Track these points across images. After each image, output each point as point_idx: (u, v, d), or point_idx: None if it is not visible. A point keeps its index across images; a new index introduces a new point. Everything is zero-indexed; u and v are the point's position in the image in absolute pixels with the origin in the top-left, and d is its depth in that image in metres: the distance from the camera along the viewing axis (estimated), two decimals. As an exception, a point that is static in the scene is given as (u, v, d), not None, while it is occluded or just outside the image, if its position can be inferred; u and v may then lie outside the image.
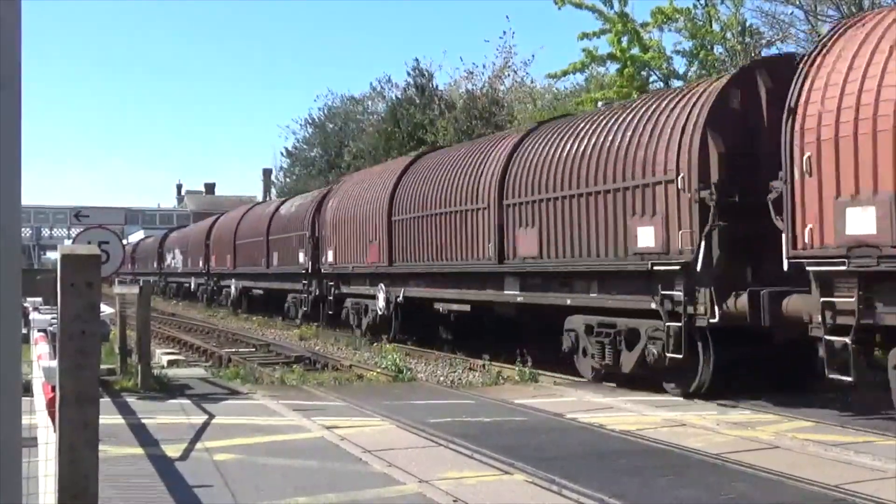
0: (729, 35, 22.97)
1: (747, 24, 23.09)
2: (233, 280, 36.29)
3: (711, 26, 23.06)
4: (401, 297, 19.95)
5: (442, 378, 15.75)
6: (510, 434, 9.30)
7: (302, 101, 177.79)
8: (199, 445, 8.52)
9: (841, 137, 9.28)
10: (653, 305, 11.99)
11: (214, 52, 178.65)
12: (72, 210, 14.60)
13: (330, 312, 24.68)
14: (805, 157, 9.68)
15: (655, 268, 11.91)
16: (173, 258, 50.24)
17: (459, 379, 15.46)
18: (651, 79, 23.65)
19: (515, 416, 10.57)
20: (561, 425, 9.96)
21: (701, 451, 8.24)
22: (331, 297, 24.48)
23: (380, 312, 20.89)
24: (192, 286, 44.40)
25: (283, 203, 32.52)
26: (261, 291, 33.19)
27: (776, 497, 6.68)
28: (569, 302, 14.03)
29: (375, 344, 20.34)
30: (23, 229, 3.01)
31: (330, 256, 24.14)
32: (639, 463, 7.85)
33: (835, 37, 10.10)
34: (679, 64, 23.98)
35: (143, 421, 9.84)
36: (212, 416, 10.25)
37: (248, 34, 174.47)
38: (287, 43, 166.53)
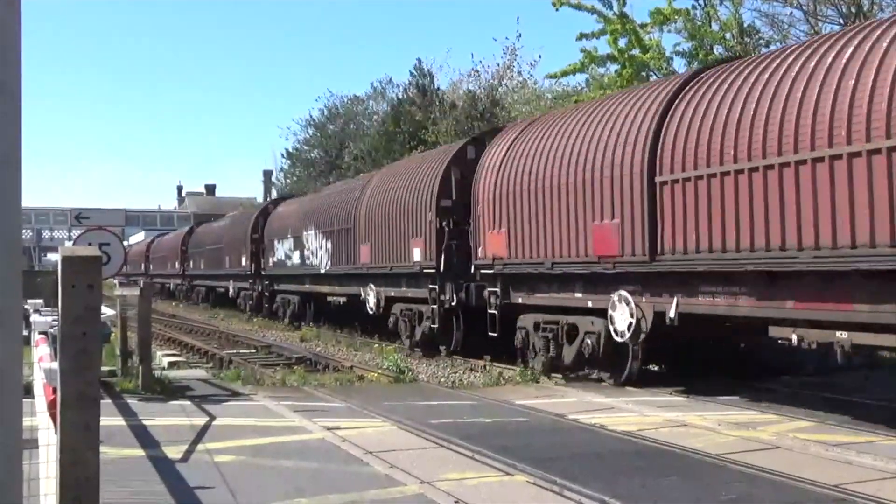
0: (728, 35, 22.99)
1: (746, 24, 23.13)
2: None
3: (711, 26, 23.08)
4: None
5: (443, 379, 15.75)
6: (511, 435, 9.30)
7: (302, 102, 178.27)
8: (200, 447, 8.52)
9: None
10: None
11: (214, 53, 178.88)
12: (72, 212, 14.60)
13: None
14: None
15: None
16: (294, 248, 28.53)
17: (461, 380, 15.47)
18: (651, 79, 23.66)
19: (517, 417, 10.57)
20: (562, 426, 9.96)
21: (702, 452, 8.24)
22: None
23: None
24: (372, 302, 21.77)
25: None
26: None
27: (777, 497, 6.68)
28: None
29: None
30: (23, 231, 3.01)
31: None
32: (640, 463, 7.85)
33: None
34: (679, 64, 24.00)
35: (144, 422, 9.84)
36: (213, 418, 10.25)
37: (248, 35, 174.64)
38: (287, 44, 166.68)
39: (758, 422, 9.95)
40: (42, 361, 6.67)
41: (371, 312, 22.02)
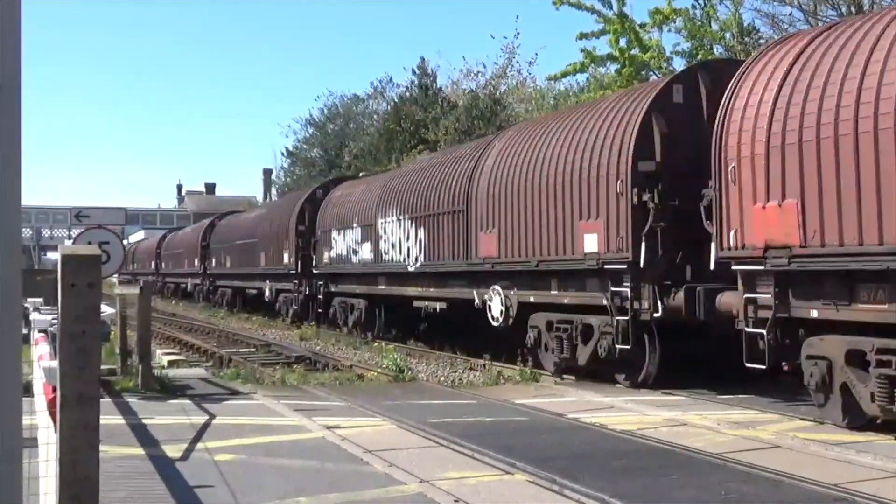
0: (728, 35, 22.99)
1: (746, 23, 23.14)
2: None
3: (710, 26, 23.09)
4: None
5: (443, 378, 15.74)
6: (511, 434, 9.30)
7: (302, 101, 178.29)
8: (199, 446, 8.52)
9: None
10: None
11: (214, 52, 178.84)
12: (72, 210, 14.61)
13: None
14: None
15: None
16: (363, 240, 22.77)
17: (460, 379, 15.46)
18: (651, 79, 23.68)
19: (516, 416, 10.57)
20: (562, 425, 9.96)
21: (702, 451, 8.24)
22: None
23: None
24: (497, 310, 16.10)
25: None
26: None
27: (777, 497, 6.68)
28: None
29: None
30: (23, 230, 3.02)
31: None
32: (640, 463, 7.85)
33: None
34: (679, 64, 24.01)
35: (144, 421, 9.84)
36: (212, 417, 10.25)
37: (247, 34, 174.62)
38: (287, 43, 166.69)
39: (758, 421, 9.95)
40: (42, 360, 6.67)
41: (495, 324, 15.95)
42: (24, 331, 9.60)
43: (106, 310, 14.10)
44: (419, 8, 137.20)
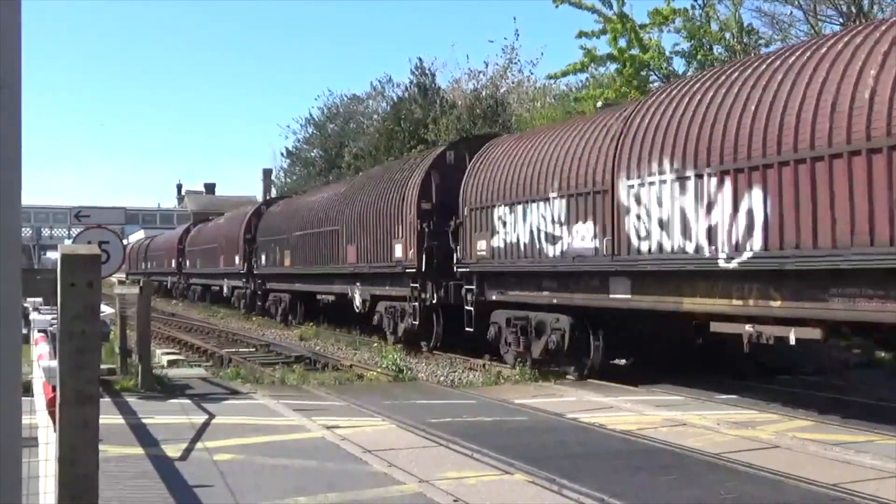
0: (728, 35, 22.99)
1: (746, 24, 23.14)
2: None
3: (710, 26, 23.09)
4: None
5: (442, 378, 15.74)
6: (510, 434, 9.30)
7: (302, 101, 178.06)
8: (199, 445, 8.52)
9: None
10: None
11: (214, 52, 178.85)
12: (72, 210, 14.56)
13: None
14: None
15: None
16: (564, 219, 13.92)
17: (460, 379, 15.46)
18: (651, 79, 23.67)
19: (516, 416, 10.57)
20: (561, 425, 9.96)
21: (701, 451, 8.24)
22: None
23: None
24: None
25: None
26: None
27: (776, 496, 6.68)
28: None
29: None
30: (23, 229, 3.02)
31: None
32: (639, 463, 7.85)
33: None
34: (678, 64, 24.02)
35: (144, 421, 9.84)
36: (212, 416, 10.25)
37: (247, 34, 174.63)
38: (287, 43, 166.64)
39: (757, 421, 9.96)
40: (41, 359, 6.67)
41: None
42: (24, 330, 9.60)
43: (105, 310, 14.09)
44: (419, 8, 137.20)
